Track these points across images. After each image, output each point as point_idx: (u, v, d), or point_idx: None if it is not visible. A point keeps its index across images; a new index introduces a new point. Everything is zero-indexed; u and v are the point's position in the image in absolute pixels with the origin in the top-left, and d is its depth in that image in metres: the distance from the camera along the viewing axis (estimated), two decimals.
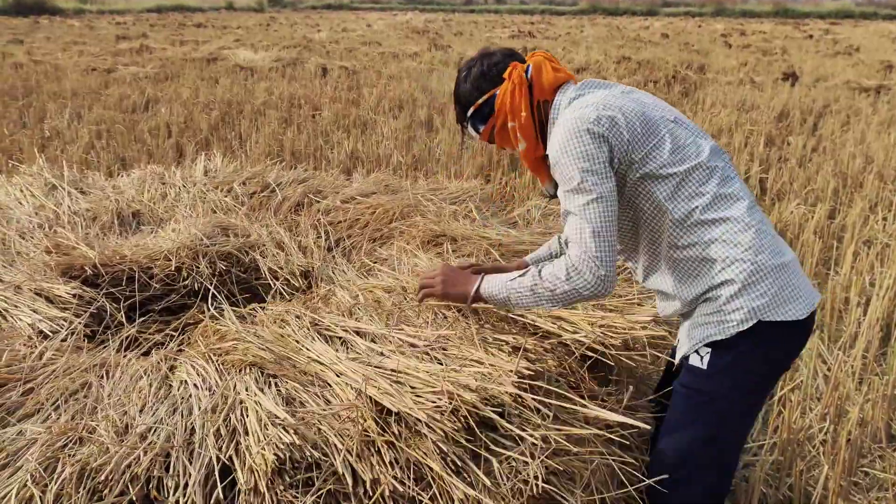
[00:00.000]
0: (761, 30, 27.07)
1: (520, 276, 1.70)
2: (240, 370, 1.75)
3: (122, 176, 4.07)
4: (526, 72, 1.76)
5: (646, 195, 1.64)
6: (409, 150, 6.25)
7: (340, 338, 1.91)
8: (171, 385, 1.74)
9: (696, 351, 1.64)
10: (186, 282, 2.71)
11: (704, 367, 1.62)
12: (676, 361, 1.76)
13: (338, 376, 1.69)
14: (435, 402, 1.53)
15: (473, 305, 1.89)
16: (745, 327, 1.55)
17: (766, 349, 1.59)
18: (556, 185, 1.69)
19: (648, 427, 1.79)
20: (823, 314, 3.51)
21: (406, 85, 9.92)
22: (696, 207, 1.60)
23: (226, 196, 3.68)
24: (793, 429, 2.48)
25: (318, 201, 3.71)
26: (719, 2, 49.85)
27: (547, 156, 1.70)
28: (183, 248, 2.78)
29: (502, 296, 1.73)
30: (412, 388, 1.61)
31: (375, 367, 1.70)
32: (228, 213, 3.45)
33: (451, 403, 1.53)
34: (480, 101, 1.79)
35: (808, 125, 7.77)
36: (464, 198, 3.71)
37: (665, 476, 1.65)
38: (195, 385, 1.70)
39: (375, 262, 3.02)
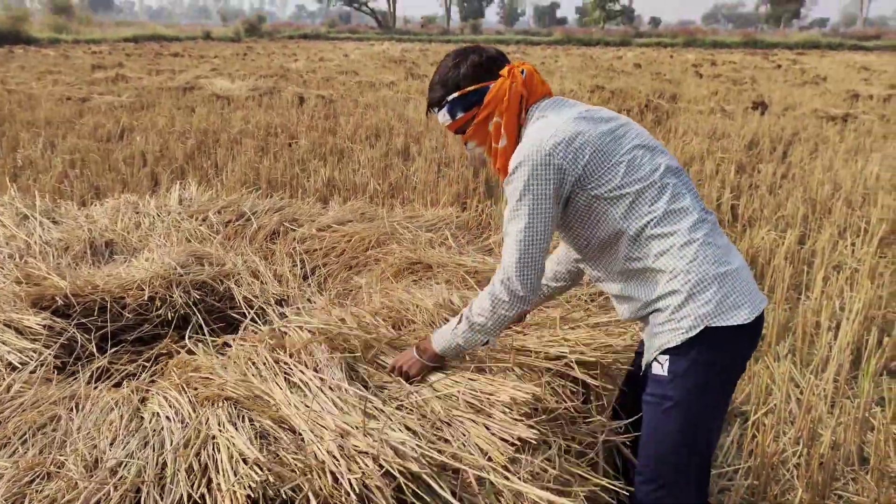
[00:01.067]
0: (731, 60, 27.64)
1: (457, 322, 1.85)
2: (213, 403, 1.73)
3: (96, 205, 4.04)
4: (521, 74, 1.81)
5: (602, 214, 1.71)
6: (385, 178, 6.27)
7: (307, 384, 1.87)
8: (142, 417, 1.72)
9: (656, 359, 1.72)
10: (160, 311, 2.69)
11: (665, 373, 1.69)
12: (642, 369, 1.82)
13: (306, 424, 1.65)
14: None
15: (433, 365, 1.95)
16: (694, 334, 1.63)
17: (717, 353, 1.67)
18: None
19: None
20: (795, 338, 3.55)
21: (383, 113, 9.98)
22: (648, 223, 1.68)
23: (201, 225, 3.67)
24: (767, 453, 2.50)
25: (294, 229, 3.71)
26: (690, 32, 50.89)
27: None
28: (156, 277, 2.77)
29: (452, 345, 1.86)
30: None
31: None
32: (203, 242, 3.44)
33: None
34: (471, 88, 1.80)
35: (778, 153, 7.92)
36: (440, 225, 3.73)
37: (652, 485, 1.73)
38: (167, 417, 1.68)
39: (351, 290, 3.02)
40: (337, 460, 1.48)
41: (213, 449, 1.55)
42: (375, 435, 1.56)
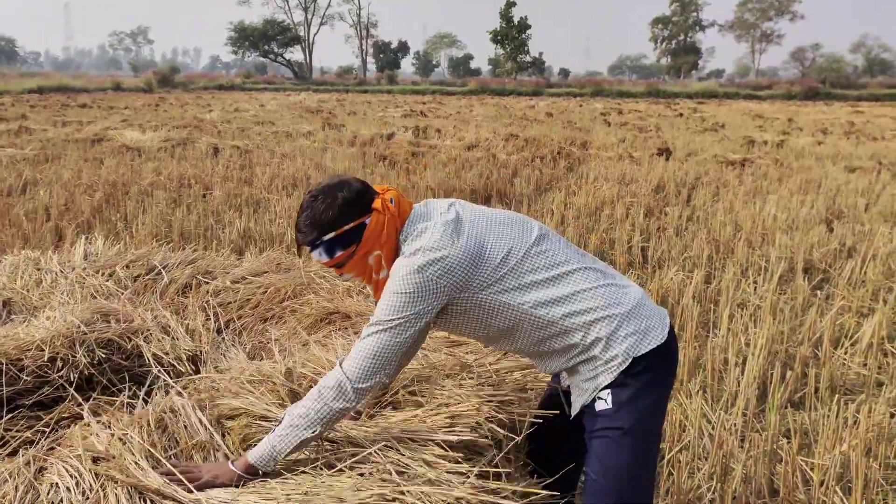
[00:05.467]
0: (636, 108, 28.93)
1: (276, 424, 1.80)
2: (113, 479, 1.63)
3: None
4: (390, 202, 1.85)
5: (492, 304, 1.80)
6: None
7: None
8: (38, 489, 1.61)
9: (597, 397, 1.83)
10: (62, 372, 2.55)
11: (610, 405, 1.80)
12: (574, 412, 1.91)
13: None
14: None
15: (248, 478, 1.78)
16: (625, 367, 1.79)
17: (648, 375, 1.81)
18: None
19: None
20: (705, 375, 3.67)
21: (300, 163, 9.93)
22: (545, 293, 1.79)
23: (107, 280, 3.53)
24: (682, 490, 2.55)
25: (208, 282, 3.61)
26: (598, 83, 53.09)
27: None
28: (58, 336, 2.63)
29: (267, 450, 1.74)
30: None
31: None
32: (110, 299, 3.30)
33: None
34: (348, 227, 1.80)
35: (683, 196, 8.28)
36: None
37: None
38: (67, 488, 1.58)
39: (267, 343, 2.95)
40: None
41: None
42: None
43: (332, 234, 1.80)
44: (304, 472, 1.74)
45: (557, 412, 2.01)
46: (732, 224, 6.65)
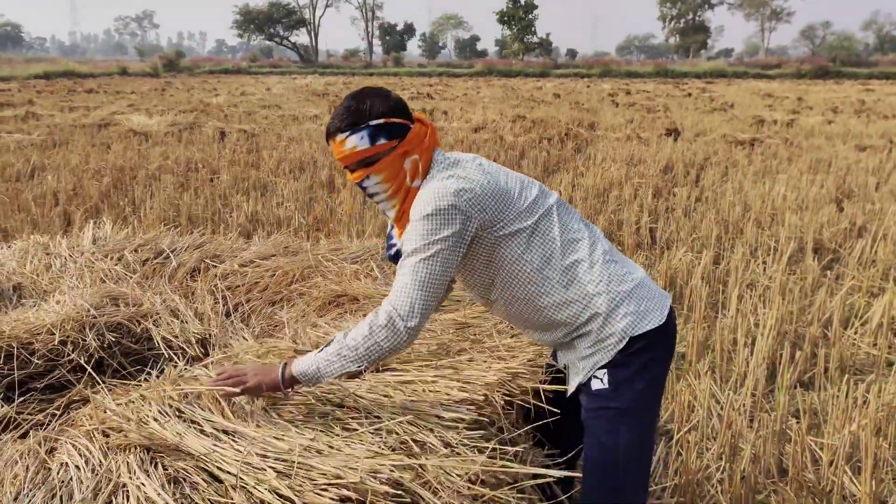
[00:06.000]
0: (645, 89, 28.72)
1: (325, 345, 1.77)
2: (125, 450, 1.65)
3: (2, 248, 3.85)
4: None
5: (504, 252, 1.79)
6: (310, 212, 6.21)
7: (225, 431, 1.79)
8: (49, 469, 1.62)
9: (594, 376, 1.83)
10: (72, 356, 2.56)
11: (607, 385, 1.81)
12: (571, 390, 1.91)
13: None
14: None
15: (288, 390, 1.85)
16: (622, 346, 1.78)
17: (646, 355, 1.81)
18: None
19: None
20: (714, 355, 3.66)
21: (307, 147, 9.92)
22: (551, 255, 1.79)
23: (116, 264, 3.54)
24: (691, 470, 2.55)
25: (216, 266, 3.61)
26: (605, 63, 52.72)
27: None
28: (68, 320, 2.64)
29: (312, 369, 1.75)
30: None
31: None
32: (119, 283, 3.31)
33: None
34: (397, 120, 1.79)
35: (691, 177, 8.23)
36: (365, 257, 3.71)
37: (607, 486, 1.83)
38: (77, 466, 1.59)
39: (276, 326, 2.96)
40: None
41: (123, 497, 1.48)
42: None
43: (381, 121, 1.77)
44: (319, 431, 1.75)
45: (563, 388, 1.99)
46: (741, 204, 6.61)
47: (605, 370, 1.80)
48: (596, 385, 1.82)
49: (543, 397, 2.00)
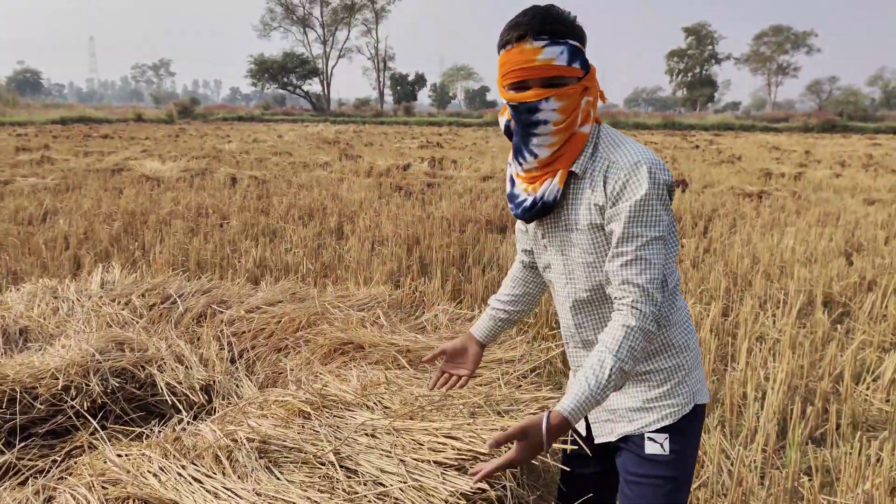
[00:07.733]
0: (653, 141, 28.96)
1: (593, 373, 1.46)
2: (123, 503, 1.62)
3: (11, 291, 3.87)
4: None
5: None
6: (318, 258, 6.23)
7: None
8: None
9: (650, 438, 1.63)
10: (75, 401, 2.55)
11: (667, 452, 1.62)
12: (606, 439, 1.71)
13: None
14: None
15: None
16: (688, 410, 1.63)
17: (698, 425, 1.68)
18: (555, 194, 1.61)
19: None
20: (724, 409, 3.61)
21: (316, 193, 10.00)
22: (668, 276, 1.60)
23: (123, 309, 3.55)
24: None
25: (222, 311, 3.62)
26: (613, 115, 53.26)
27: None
28: (72, 365, 2.64)
29: (592, 399, 1.46)
30: None
31: None
32: (125, 327, 3.32)
33: None
34: (585, 53, 1.57)
35: (700, 228, 8.24)
36: (372, 304, 3.70)
37: None
38: None
39: (281, 373, 2.94)
40: None
41: None
42: None
43: (578, 44, 1.54)
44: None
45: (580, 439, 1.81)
46: (750, 256, 6.59)
47: (667, 435, 1.62)
48: (652, 449, 1.63)
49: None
